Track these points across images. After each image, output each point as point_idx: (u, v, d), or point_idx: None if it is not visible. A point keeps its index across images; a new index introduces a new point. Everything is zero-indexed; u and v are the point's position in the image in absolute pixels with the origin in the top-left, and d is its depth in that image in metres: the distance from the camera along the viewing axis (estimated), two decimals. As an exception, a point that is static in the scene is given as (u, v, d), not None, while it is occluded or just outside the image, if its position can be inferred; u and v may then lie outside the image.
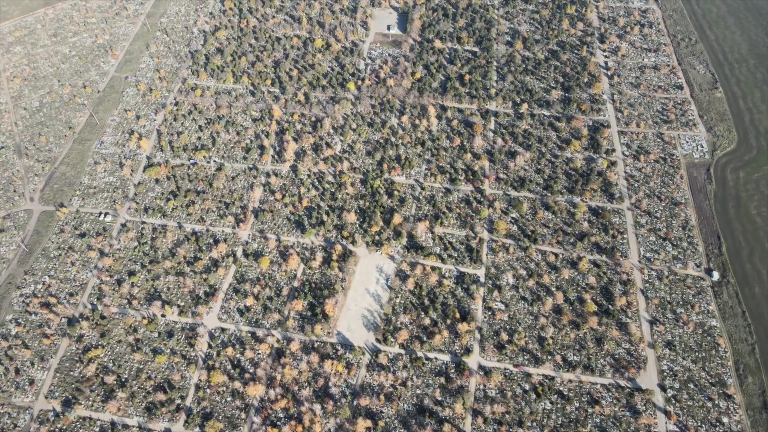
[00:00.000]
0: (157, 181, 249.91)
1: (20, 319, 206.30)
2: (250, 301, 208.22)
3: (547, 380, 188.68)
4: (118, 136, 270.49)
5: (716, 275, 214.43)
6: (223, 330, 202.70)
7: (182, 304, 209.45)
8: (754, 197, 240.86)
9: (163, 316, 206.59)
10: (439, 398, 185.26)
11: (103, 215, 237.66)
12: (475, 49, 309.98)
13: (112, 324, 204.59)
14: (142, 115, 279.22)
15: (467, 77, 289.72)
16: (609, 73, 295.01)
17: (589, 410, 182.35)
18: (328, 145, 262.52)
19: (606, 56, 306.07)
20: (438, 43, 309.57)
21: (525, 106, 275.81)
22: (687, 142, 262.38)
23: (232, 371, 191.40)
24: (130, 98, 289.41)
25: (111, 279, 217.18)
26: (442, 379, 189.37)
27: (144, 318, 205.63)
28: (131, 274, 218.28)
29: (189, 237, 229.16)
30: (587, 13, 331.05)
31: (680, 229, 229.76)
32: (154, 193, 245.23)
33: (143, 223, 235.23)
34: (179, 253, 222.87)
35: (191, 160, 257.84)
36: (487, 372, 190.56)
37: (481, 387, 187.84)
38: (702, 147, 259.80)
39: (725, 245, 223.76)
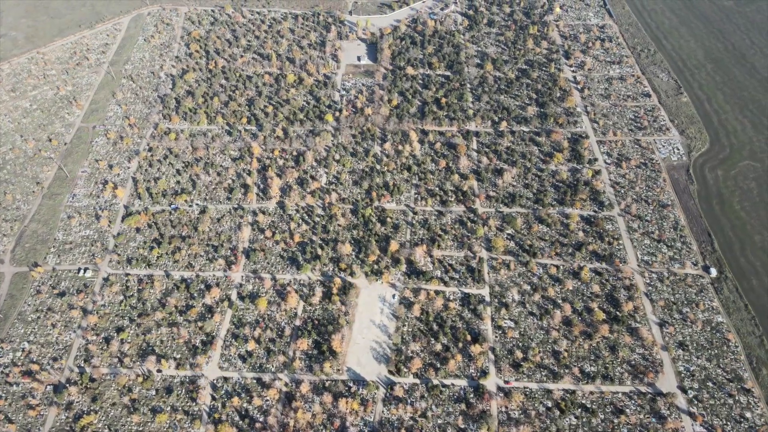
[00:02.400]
0: (137, 230, 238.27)
1: (0, 392, 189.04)
2: (251, 346, 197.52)
3: (568, 394, 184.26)
4: (91, 188, 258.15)
5: (714, 272, 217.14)
6: (225, 379, 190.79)
7: (179, 356, 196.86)
8: (736, 193, 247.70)
9: (159, 371, 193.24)
10: (462, 426, 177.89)
11: (82, 271, 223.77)
12: (448, 72, 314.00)
13: (104, 386, 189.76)
14: (114, 164, 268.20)
15: (444, 100, 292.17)
16: (579, 87, 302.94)
17: (615, 421, 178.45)
18: (313, 178, 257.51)
19: (573, 71, 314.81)
20: (410, 70, 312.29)
21: (504, 123, 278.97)
22: (663, 146, 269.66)
23: (241, 422, 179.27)
24: (100, 148, 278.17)
25: (98, 338, 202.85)
26: (463, 406, 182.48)
27: (138, 376, 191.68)
28: (119, 330, 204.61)
29: (178, 285, 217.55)
30: (549, 32, 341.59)
31: (672, 230, 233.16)
32: (135, 243, 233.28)
33: (127, 275, 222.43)
34: (170, 303, 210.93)
35: (172, 206, 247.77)
36: (507, 393, 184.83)
37: (504, 409, 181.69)
38: (678, 150, 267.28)
39: (717, 242, 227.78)
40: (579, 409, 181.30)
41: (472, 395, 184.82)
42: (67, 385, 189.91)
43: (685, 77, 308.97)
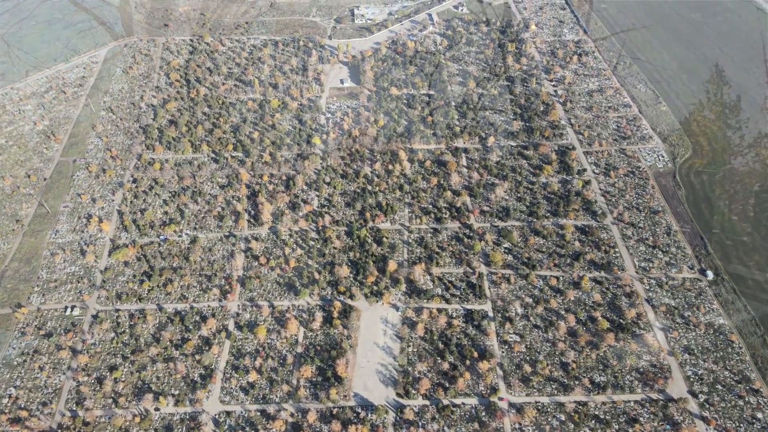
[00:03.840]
0: (126, 263, 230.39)
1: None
2: (253, 376, 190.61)
3: (580, 406, 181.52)
4: (74, 223, 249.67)
5: (710, 274, 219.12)
6: (228, 413, 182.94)
7: (177, 392, 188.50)
8: (722, 196, 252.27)
9: (156, 409, 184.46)
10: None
11: (69, 309, 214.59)
12: (431, 92, 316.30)
13: (99, 429, 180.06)
14: (98, 197, 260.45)
15: (430, 119, 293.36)
16: (561, 100, 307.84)
17: (630, 430, 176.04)
18: (304, 201, 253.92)
19: (554, 85, 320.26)
20: (394, 90, 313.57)
21: (491, 139, 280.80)
22: (648, 154, 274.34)
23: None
24: (81, 181, 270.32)
25: (90, 378, 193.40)
26: (476, 425, 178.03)
27: (135, 416, 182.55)
28: (112, 369, 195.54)
29: (172, 318, 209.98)
30: (527, 48, 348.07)
31: (665, 235, 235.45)
32: (125, 277, 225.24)
33: (117, 310, 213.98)
34: (164, 337, 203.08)
35: (161, 237, 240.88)
36: (518, 409, 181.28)
37: (517, 426, 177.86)
38: (663, 157, 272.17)
39: (710, 245, 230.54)
40: (592, 421, 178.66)
41: (483, 413, 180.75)
42: (59, 430, 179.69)
43: (662, 87, 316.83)
